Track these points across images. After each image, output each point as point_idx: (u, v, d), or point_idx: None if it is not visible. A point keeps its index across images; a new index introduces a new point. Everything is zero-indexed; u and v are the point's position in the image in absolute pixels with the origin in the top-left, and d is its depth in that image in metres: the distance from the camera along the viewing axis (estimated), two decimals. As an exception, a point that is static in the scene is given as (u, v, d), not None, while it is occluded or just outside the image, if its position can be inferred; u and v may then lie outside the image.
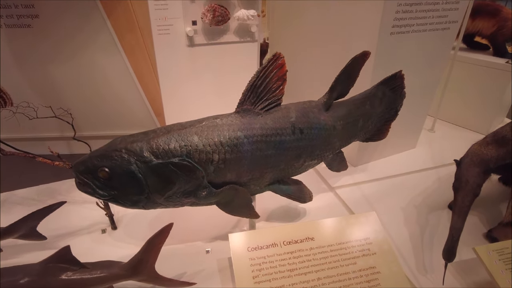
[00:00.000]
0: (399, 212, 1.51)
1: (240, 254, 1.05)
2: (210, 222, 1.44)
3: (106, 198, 0.98)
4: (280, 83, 1.02)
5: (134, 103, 1.97)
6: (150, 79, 1.93)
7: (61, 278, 0.88)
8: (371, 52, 1.14)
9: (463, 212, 1.11)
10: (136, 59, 1.86)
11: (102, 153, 0.96)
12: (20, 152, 1.16)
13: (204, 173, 0.97)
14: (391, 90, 1.33)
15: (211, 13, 1.27)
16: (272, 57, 0.98)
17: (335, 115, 1.18)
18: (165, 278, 0.99)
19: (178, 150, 0.94)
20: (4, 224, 1.19)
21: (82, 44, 1.79)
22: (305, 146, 1.11)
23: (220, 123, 1.00)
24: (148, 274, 0.94)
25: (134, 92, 1.93)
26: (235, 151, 0.99)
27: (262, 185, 1.15)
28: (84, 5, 1.68)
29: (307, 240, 1.11)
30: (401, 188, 1.66)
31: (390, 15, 1.40)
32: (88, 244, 1.37)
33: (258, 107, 1.03)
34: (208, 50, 1.40)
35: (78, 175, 0.97)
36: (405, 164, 1.84)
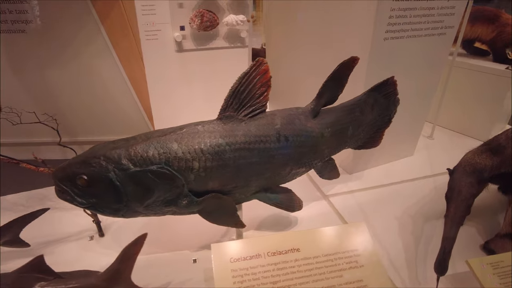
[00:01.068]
0: (393, 222, 1.47)
1: (222, 265, 1.02)
2: (198, 230, 1.41)
3: (85, 206, 0.96)
4: (264, 90, 0.99)
5: (128, 108, 1.96)
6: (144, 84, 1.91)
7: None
8: (359, 58, 1.11)
9: (455, 223, 1.07)
10: (130, 64, 1.85)
11: (81, 160, 0.94)
12: (4, 157, 1.15)
13: (184, 181, 0.95)
14: (383, 97, 1.30)
15: (199, 18, 1.26)
16: (254, 63, 0.95)
17: (323, 122, 1.15)
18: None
19: (157, 158, 0.92)
20: (-8, 229, 1.18)
21: (76, 50, 1.79)
22: (291, 153, 1.08)
23: (201, 130, 0.97)
24: (124, 284, 0.91)
25: (128, 97, 1.92)
26: (217, 158, 0.96)
27: (248, 194, 1.12)
28: (78, 11, 1.68)
29: (292, 251, 1.07)
30: (397, 196, 1.62)
31: (383, 20, 1.38)
32: (75, 251, 1.35)
33: (241, 114, 1.01)
34: (197, 56, 1.39)
35: (58, 182, 0.95)
36: (401, 172, 1.80)
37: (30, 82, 1.84)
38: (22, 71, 1.81)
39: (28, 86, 1.85)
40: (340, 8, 1.52)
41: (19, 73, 1.81)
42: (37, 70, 1.81)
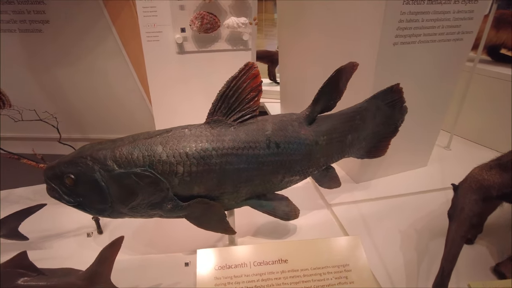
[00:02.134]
0: (397, 236, 1.40)
1: (206, 272, 1.00)
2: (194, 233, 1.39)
3: (72, 204, 0.97)
4: (255, 94, 0.97)
5: (137, 107, 1.99)
6: (153, 85, 1.95)
7: (17, 283, 0.87)
8: (358, 64, 1.06)
9: (456, 243, 0.99)
10: (139, 64, 1.88)
11: (69, 159, 0.95)
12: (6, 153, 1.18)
13: (168, 185, 0.94)
14: (387, 105, 1.23)
15: (199, 20, 1.25)
16: (243, 67, 0.93)
17: (318, 129, 1.10)
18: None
19: (141, 160, 0.92)
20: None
21: (88, 49, 1.84)
22: (282, 161, 1.04)
23: (188, 134, 0.96)
24: (104, 285, 0.91)
25: (137, 96, 1.95)
26: (202, 163, 0.94)
27: (239, 200, 1.10)
28: (91, 12, 1.73)
29: (279, 262, 1.04)
30: (403, 209, 1.54)
31: (392, 24, 1.31)
32: (73, 247, 1.37)
33: (230, 119, 0.98)
34: (198, 58, 1.38)
35: (47, 180, 0.97)
36: (411, 183, 1.71)
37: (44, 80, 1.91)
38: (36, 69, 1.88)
39: (42, 83, 1.91)
40: (348, 10, 1.47)
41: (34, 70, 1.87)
42: (50, 68, 1.87)
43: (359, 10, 1.39)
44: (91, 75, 1.90)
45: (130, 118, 2.01)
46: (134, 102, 1.96)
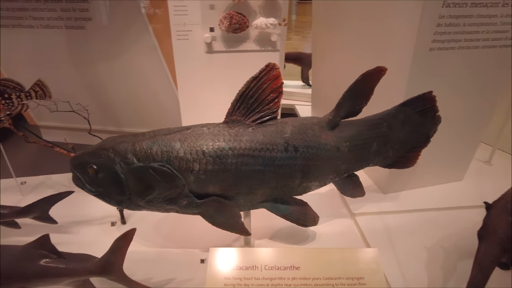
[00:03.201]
0: (422, 252, 1.32)
1: (217, 271, 1.01)
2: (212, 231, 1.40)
3: (93, 193, 1.02)
4: (275, 96, 0.95)
5: (168, 104, 2.04)
6: (185, 83, 1.99)
7: (39, 263, 0.93)
8: (386, 68, 1.01)
9: (484, 267, 0.91)
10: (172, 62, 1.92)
11: (93, 150, 1.00)
12: (41, 140, 1.26)
13: (184, 181, 0.95)
14: (418, 113, 1.17)
15: (227, 20, 1.25)
16: (264, 67, 0.92)
17: (340, 135, 1.06)
18: (134, 281, 0.98)
19: (159, 155, 0.93)
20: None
21: (126, 47, 1.92)
22: (300, 165, 1.02)
23: (206, 132, 0.97)
24: (116, 274, 0.94)
25: (170, 94, 2.00)
26: (218, 162, 0.94)
27: (254, 202, 1.09)
28: (130, 9, 1.80)
29: (291, 269, 1.01)
30: (432, 224, 1.45)
31: (429, 28, 1.24)
32: (97, 234, 1.43)
33: (249, 119, 0.98)
34: (226, 57, 1.39)
35: (73, 169, 1.02)
36: (443, 197, 1.61)
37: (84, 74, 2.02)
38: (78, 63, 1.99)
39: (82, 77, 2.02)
40: (383, 12, 1.41)
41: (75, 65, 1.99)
42: (90, 63, 1.97)
43: (395, 12, 1.33)
44: (128, 71, 1.98)
45: (162, 114, 2.07)
46: (166, 98, 2.02)
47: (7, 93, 1.42)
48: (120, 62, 1.97)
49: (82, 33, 1.92)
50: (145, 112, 2.10)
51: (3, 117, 1.27)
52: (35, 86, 1.49)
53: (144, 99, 2.06)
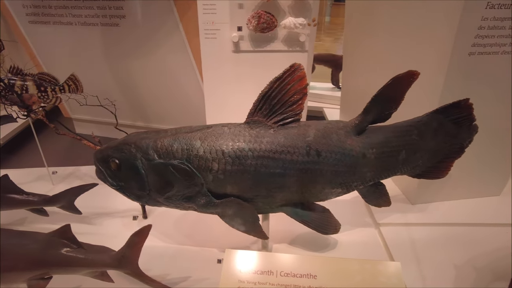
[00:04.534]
0: (451, 270, 1.24)
1: (232, 273, 0.99)
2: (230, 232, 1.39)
3: (114, 187, 1.03)
4: (299, 97, 0.92)
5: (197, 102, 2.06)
6: (213, 81, 2.00)
7: (60, 252, 0.95)
8: (419, 73, 0.95)
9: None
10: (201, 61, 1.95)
11: (116, 145, 1.01)
12: (70, 133, 1.30)
13: (203, 180, 0.94)
14: (452, 121, 1.09)
15: (256, 19, 1.24)
16: (289, 68, 0.89)
17: (367, 141, 1.01)
18: (148, 277, 0.99)
19: (180, 153, 0.93)
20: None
21: (157, 44, 1.96)
22: (323, 171, 0.98)
23: (227, 132, 0.95)
24: (131, 269, 0.95)
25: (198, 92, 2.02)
26: (237, 163, 0.93)
27: (273, 205, 1.06)
28: (162, 8, 1.83)
29: (308, 277, 0.98)
30: (463, 241, 1.36)
31: (470, 31, 1.16)
32: (118, 227, 1.46)
33: (271, 121, 0.95)
34: (253, 57, 1.37)
35: (96, 162, 1.04)
36: (477, 212, 1.50)
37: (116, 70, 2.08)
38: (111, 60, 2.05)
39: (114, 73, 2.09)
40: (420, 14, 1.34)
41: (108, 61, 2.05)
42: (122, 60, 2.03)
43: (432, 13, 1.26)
44: (158, 69, 2.02)
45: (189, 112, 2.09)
46: (194, 97, 2.04)
47: (43, 86, 1.48)
48: (150, 59, 2.01)
49: (116, 30, 1.98)
50: (173, 110, 2.13)
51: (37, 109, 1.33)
52: (68, 80, 1.55)
53: (173, 97, 2.09)
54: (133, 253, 0.93)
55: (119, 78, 2.12)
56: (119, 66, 2.08)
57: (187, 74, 1.98)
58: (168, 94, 2.10)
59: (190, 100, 2.06)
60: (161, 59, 1.99)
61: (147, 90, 2.12)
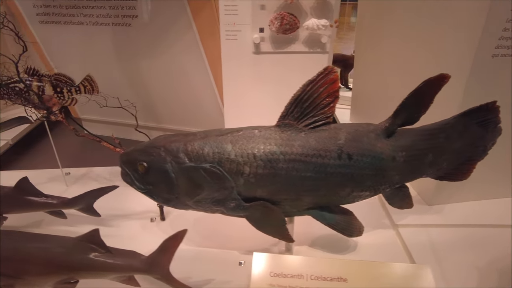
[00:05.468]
0: (473, 273, 1.24)
1: (261, 276, 0.99)
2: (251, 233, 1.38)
3: (142, 190, 1.02)
4: (331, 100, 0.92)
5: (208, 103, 2.05)
6: (226, 82, 1.99)
7: (88, 256, 0.94)
8: (450, 76, 0.95)
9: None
10: (215, 62, 1.93)
11: (144, 148, 1.00)
12: (90, 135, 1.29)
13: (233, 184, 0.94)
14: (477, 124, 1.09)
15: (278, 21, 1.23)
16: (322, 71, 0.89)
17: (397, 144, 1.01)
18: (179, 282, 0.98)
19: (211, 156, 0.93)
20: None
21: (169, 44, 1.94)
22: (353, 174, 0.98)
23: (257, 135, 0.95)
24: (162, 274, 0.94)
25: (210, 93, 2.01)
26: (268, 166, 0.92)
27: (300, 208, 1.06)
28: (175, 8, 1.82)
29: (338, 280, 0.98)
30: (483, 243, 1.36)
31: (494, 32, 1.16)
32: (136, 229, 1.45)
33: (302, 124, 0.95)
34: (274, 59, 1.36)
35: (122, 165, 1.03)
36: (496, 214, 1.50)
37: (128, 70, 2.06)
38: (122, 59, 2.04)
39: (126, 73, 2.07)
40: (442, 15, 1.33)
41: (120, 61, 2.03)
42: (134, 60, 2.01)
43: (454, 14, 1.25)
44: (170, 69, 2.00)
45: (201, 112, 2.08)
46: (207, 98, 2.03)
47: (59, 87, 1.47)
48: (162, 59, 2.00)
49: (127, 30, 1.96)
50: (184, 110, 2.12)
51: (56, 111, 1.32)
52: (84, 81, 1.53)
53: (184, 97, 2.08)
54: (165, 258, 0.93)
55: (130, 78, 2.11)
56: (131, 66, 2.06)
57: (200, 74, 1.97)
58: (180, 95, 2.09)
59: (203, 100, 2.05)
60: (173, 59, 1.98)
61: (159, 90, 2.11)
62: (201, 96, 2.04)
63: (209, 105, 2.05)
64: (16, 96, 1.34)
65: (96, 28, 1.99)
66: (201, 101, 2.06)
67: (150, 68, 2.04)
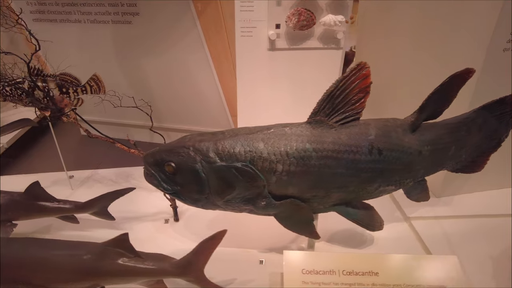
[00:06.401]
0: (487, 262, 1.27)
1: (294, 274, 0.99)
2: (267, 231, 1.39)
3: (169, 192, 1.00)
4: (362, 96, 0.92)
5: (212, 102, 2.03)
6: (231, 81, 1.96)
7: (116, 262, 0.92)
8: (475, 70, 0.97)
9: None
10: (219, 61, 1.91)
11: (171, 148, 0.98)
12: (103, 136, 1.25)
13: (265, 182, 0.93)
14: (494, 117, 1.12)
15: (296, 17, 1.22)
16: (356, 66, 0.89)
17: (422, 138, 1.03)
18: (213, 284, 0.96)
19: (243, 155, 0.91)
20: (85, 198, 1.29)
21: (172, 42, 1.90)
22: (382, 169, 0.98)
23: (288, 132, 0.94)
24: (196, 276, 0.93)
25: (214, 92, 1.98)
26: (301, 164, 0.92)
27: (327, 205, 1.06)
28: (178, 6, 1.78)
29: (370, 274, 0.99)
30: (496, 232, 1.39)
31: (507, 27, 1.19)
32: (150, 231, 1.42)
33: (332, 120, 0.95)
34: (288, 55, 1.36)
35: (147, 166, 1.01)
36: (505, 203, 1.54)
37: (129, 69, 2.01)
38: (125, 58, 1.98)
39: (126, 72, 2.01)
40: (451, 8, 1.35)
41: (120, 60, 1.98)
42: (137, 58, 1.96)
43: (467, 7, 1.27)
44: (173, 68, 1.96)
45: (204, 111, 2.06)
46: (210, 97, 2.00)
47: (65, 87, 1.42)
48: (165, 58, 1.95)
49: (128, 28, 1.91)
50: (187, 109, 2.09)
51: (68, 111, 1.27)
52: (90, 81, 1.48)
53: (188, 97, 2.04)
54: (201, 260, 0.91)
55: (131, 78, 2.06)
56: (132, 66, 2.01)
57: (204, 74, 1.94)
58: (182, 94, 2.05)
59: (206, 100, 2.02)
60: (176, 59, 1.94)
61: (161, 90, 2.07)
62: (205, 96, 2.01)
63: (213, 104, 2.02)
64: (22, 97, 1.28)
65: (95, 26, 1.92)
66: (205, 101, 2.03)
67: (151, 67, 2.00)
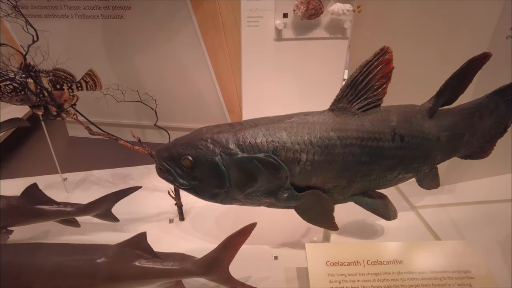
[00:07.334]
0: (495, 246, 1.29)
1: (318, 267, 0.96)
2: (278, 226, 1.36)
3: (185, 187, 0.95)
4: (384, 81, 0.90)
5: (209, 99, 1.97)
6: (228, 77, 1.92)
7: (134, 264, 0.86)
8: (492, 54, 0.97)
9: None
10: (216, 56, 1.85)
11: (187, 141, 0.93)
12: (105, 133, 1.19)
13: (288, 173, 0.90)
14: (504, 102, 1.14)
15: (304, 5, 1.20)
16: (379, 51, 0.87)
17: (440, 124, 1.02)
18: (238, 282, 0.92)
19: (265, 145, 0.88)
20: (82, 200, 1.23)
21: (167, 37, 1.83)
22: (403, 156, 0.97)
23: (311, 121, 0.91)
24: (221, 274, 0.88)
25: (210, 88, 1.93)
26: (325, 153, 0.89)
27: (347, 195, 1.04)
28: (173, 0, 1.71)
29: (394, 263, 0.98)
30: (501, 217, 1.42)
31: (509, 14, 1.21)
32: (156, 232, 1.37)
33: (355, 106, 0.92)
34: (295, 45, 1.33)
35: (161, 161, 0.95)
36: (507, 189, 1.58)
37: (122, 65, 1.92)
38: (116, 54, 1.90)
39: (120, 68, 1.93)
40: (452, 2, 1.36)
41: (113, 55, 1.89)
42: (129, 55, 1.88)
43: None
44: (167, 64, 1.89)
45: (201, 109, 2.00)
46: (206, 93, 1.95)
47: (59, 84, 1.34)
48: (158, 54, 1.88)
49: (119, 23, 1.82)
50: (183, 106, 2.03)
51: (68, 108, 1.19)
52: (86, 77, 1.41)
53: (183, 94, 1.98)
54: (228, 257, 0.87)
55: (123, 75, 1.97)
56: (124, 63, 1.93)
57: (199, 69, 1.88)
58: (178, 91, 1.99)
59: (202, 97, 1.97)
60: (170, 54, 1.87)
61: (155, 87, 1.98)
62: (201, 93, 1.96)
63: (210, 101, 1.97)
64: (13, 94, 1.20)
65: (84, 21, 1.83)
66: (201, 97, 1.97)
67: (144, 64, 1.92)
